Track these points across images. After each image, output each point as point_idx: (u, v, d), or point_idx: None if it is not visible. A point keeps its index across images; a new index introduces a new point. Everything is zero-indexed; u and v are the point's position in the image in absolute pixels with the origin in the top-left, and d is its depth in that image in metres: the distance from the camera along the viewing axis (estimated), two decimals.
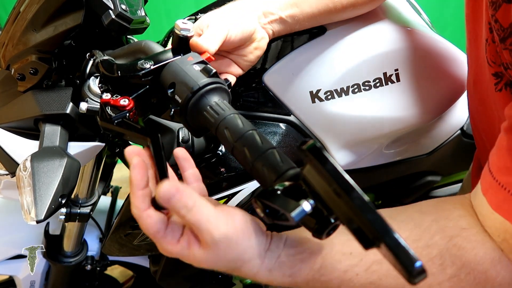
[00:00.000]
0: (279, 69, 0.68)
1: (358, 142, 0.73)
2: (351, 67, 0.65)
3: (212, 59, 0.50)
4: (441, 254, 0.44)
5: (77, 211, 0.81)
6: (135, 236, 0.78)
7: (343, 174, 0.31)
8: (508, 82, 0.47)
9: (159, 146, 0.46)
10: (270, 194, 0.35)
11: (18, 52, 0.56)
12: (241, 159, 0.42)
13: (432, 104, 0.71)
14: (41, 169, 0.50)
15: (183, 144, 0.64)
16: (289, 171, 0.39)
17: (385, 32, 0.67)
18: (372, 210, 0.29)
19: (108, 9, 0.55)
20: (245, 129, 0.42)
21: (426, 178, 0.92)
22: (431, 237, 0.45)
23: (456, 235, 0.45)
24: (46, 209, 0.49)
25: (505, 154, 0.43)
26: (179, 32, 0.49)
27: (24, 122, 0.59)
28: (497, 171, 0.44)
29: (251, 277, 0.43)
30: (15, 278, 0.99)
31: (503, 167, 0.44)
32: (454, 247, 0.44)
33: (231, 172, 0.67)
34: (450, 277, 0.44)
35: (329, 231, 0.36)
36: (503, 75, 0.48)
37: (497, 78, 0.49)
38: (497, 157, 0.45)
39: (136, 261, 1.07)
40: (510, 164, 0.43)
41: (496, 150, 0.45)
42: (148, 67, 0.48)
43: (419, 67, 0.68)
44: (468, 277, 0.43)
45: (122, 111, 0.47)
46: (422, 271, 0.27)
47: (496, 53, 0.47)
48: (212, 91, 0.45)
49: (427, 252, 0.44)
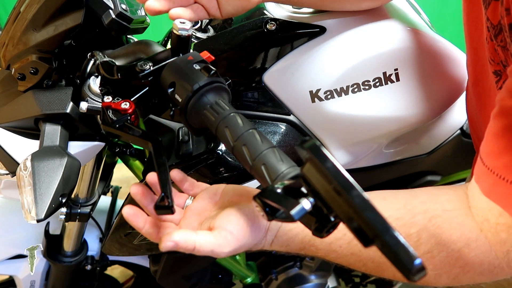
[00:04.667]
0: (279, 69, 0.68)
1: (357, 141, 0.73)
2: (351, 66, 0.66)
3: (212, 58, 0.50)
4: (418, 232, 0.47)
5: (77, 211, 0.81)
6: (135, 236, 0.78)
7: (343, 172, 0.31)
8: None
9: (160, 150, 0.46)
10: (270, 193, 0.36)
11: (18, 52, 0.57)
12: (241, 158, 0.42)
13: (431, 103, 0.71)
14: (41, 169, 0.50)
15: (183, 144, 0.64)
16: (289, 170, 0.39)
17: (384, 32, 0.67)
18: (372, 208, 0.29)
19: (108, 8, 0.55)
20: (245, 128, 0.42)
21: (425, 178, 0.93)
22: (413, 216, 0.48)
23: (437, 216, 0.47)
24: (47, 208, 0.49)
25: (492, 139, 0.44)
26: (177, 31, 0.49)
27: (25, 122, 0.59)
28: (486, 157, 0.45)
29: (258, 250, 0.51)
30: (15, 278, 0.99)
31: (490, 152, 0.45)
32: (433, 227, 0.47)
33: (231, 172, 0.67)
34: (423, 252, 0.47)
35: (329, 229, 0.36)
36: (502, 73, 0.48)
37: (496, 76, 0.49)
38: (485, 143, 0.46)
39: (136, 261, 1.07)
40: (497, 148, 0.43)
41: (485, 138, 0.46)
42: (148, 68, 0.48)
43: (419, 66, 0.68)
44: (441, 254, 0.46)
45: (124, 115, 0.47)
46: (421, 269, 0.27)
47: (494, 51, 0.48)
48: (212, 90, 0.45)
49: (405, 230, 0.48)
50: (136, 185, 0.49)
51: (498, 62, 0.48)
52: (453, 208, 0.48)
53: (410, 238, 0.47)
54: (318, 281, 1.08)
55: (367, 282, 1.23)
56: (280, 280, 1.07)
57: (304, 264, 1.06)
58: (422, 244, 0.47)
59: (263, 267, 1.08)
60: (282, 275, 1.06)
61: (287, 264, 1.06)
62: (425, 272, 0.28)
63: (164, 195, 0.42)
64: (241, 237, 0.45)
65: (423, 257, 0.47)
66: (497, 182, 0.43)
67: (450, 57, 0.70)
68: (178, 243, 0.42)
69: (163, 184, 0.43)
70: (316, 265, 1.06)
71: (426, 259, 0.47)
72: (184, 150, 0.65)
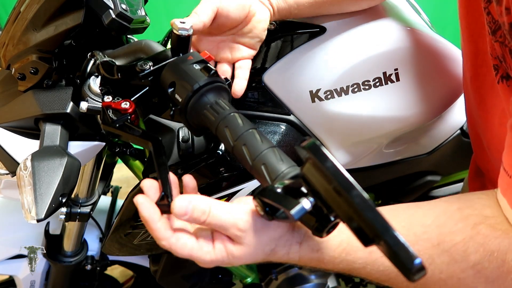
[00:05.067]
0: (279, 69, 0.68)
1: (357, 141, 0.73)
2: (351, 66, 0.66)
3: (212, 58, 0.50)
4: (464, 241, 0.44)
5: (77, 211, 0.81)
6: (135, 236, 0.78)
7: (343, 172, 0.31)
8: (504, 74, 0.47)
9: (160, 150, 0.46)
10: (270, 192, 0.36)
11: (18, 51, 0.57)
12: (241, 158, 0.42)
13: (431, 103, 0.71)
14: (41, 168, 0.50)
15: (183, 144, 0.64)
16: (289, 170, 0.39)
17: (384, 32, 0.67)
18: (372, 208, 0.29)
19: (109, 8, 0.55)
20: (245, 128, 0.42)
21: (425, 178, 0.93)
22: (455, 223, 0.45)
23: (480, 223, 0.44)
24: (47, 208, 0.49)
25: None
26: (177, 31, 0.49)
27: (25, 122, 0.59)
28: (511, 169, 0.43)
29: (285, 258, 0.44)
30: (15, 278, 0.99)
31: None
32: (478, 235, 0.43)
33: (231, 172, 0.67)
34: (473, 264, 0.43)
35: (329, 229, 0.36)
36: (499, 67, 0.48)
37: (495, 70, 0.49)
38: (507, 155, 0.45)
39: (136, 261, 1.07)
40: None
41: (506, 149, 0.45)
42: (148, 68, 0.48)
43: (419, 66, 0.68)
44: (492, 265, 0.43)
45: (124, 115, 0.47)
46: (421, 268, 0.27)
47: (492, 44, 0.47)
48: (212, 90, 0.45)
49: (451, 239, 0.44)
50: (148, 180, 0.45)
51: (495, 56, 0.48)
52: (493, 215, 0.45)
53: (457, 247, 0.44)
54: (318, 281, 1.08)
55: (367, 282, 1.23)
56: (280, 280, 1.06)
57: None
58: (471, 254, 0.43)
59: (263, 267, 1.08)
60: (282, 275, 1.06)
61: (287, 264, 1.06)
62: (425, 272, 0.28)
63: (164, 194, 0.42)
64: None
65: (473, 269, 0.43)
66: None
67: (450, 57, 0.70)
68: (191, 200, 0.39)
69: (164, 184, 0.43)
70: None
71: (477, 271, 0.43)
72: (184, 150, 0.65)
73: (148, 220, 0.41)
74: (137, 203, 0.41)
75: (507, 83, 0.47)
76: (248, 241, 0.41)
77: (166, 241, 0.41)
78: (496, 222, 0.44)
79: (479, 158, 0.68)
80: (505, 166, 0.45)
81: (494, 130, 0.55)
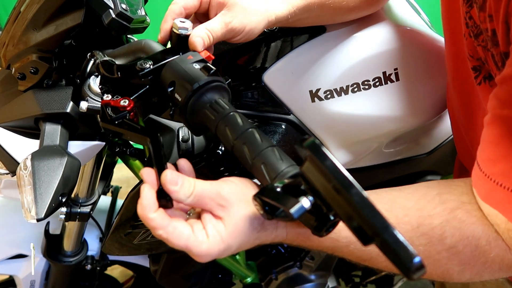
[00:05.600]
0: (279, 69, 0.68)
1: (357, 141, 0.73)
2: (351, 66, 0.66)
3: (212, 58, 0.50)
4: (442, 225, 0.46)
5: (77, 211, 0.81)
6: (135, 236, 0.78)
7: (343, 171, 0.31)
8: (487, 75, 0.48)
9: (159, 146, 0.46)
10: (270, 191, 0.36)
11: (18, 51, 0.57)
12: (241, 157, 0.42)
13: (431, 103, 0.71)
14: (41, 168, 0.50)
15: (183, 143, 0.64)
16: (288, 169, 0.39)
17: (384, 32, 0.67)
18: (371, 207, 0.29)
19: (109, 8, 0.55)
20: (245, 127, 0.42)
21: (425, 178, 0.93)
22: (434, 207, 0.47)
23: (457, 208, 0.47)
24: (47, 208, 0.49)
25: (489, 147, 0.45)
26: (177, 31, 0.49)
27: (25, 121, 0.59)
28: (483, 163, 0.46)
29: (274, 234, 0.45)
30: (15, 278, 0.99)
31: (487, 159, 0.45)
32: (455, 219, 0.46)
33: (231, 171, 0.67)
34: (448, 247, 0.46)
35: (328, 228, 0.36)
36: (481, 68, 0.49)
37: (475, 72, 0.50)
38: (481, 150, 0.47)
39: (136, 261, 1.07)
40: (493, 155, 0.44)
41: (481, 145, 0.47)
42: (148, 67, 0.48)
43: (419, 66, 0.68)
44: (466, 249, 0.46)
45: (123, 112, 0.47)
46: (420, 267, 0.27)
47: (474, 47, 0.48)
48: (212, 89, 0.45)
49: (429, 222, 0.46)
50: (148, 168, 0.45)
51: (477, 58, 0.49)
52: (470, 201, 0.47)
53: (434, 231, 0.46)
54: (318, 281, 1.08)
55: (367, 282, 1.23)
56: (280, 280, 1.06)
57: (304, 264, 1.06)
58: (447, 237, 0.46)
59: (263, 267, 1.08)
60: (282, 275, 1.06)
61: (287, 264, 1.06)
62: (424, 271, 0.28)
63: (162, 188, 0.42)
64: (240, 183, 0.44)
65: (448, 252, 0.46)
66: (494, 188, 0.43)
67: None
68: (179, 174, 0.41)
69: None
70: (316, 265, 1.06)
71: (451, 253, 0.46)
72: (184, 150, 0.65)
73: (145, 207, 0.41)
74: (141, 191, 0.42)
75: (490, 83, 0.48)
76: (235, 211, 0.42)
77: (163, 230, 0.40)
78: (472, 209, 0.47)
79: (462, 156, 0.69)
80: (478, 160, 0.47)
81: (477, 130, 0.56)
